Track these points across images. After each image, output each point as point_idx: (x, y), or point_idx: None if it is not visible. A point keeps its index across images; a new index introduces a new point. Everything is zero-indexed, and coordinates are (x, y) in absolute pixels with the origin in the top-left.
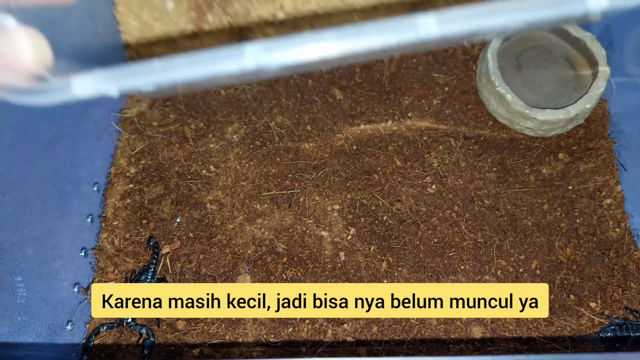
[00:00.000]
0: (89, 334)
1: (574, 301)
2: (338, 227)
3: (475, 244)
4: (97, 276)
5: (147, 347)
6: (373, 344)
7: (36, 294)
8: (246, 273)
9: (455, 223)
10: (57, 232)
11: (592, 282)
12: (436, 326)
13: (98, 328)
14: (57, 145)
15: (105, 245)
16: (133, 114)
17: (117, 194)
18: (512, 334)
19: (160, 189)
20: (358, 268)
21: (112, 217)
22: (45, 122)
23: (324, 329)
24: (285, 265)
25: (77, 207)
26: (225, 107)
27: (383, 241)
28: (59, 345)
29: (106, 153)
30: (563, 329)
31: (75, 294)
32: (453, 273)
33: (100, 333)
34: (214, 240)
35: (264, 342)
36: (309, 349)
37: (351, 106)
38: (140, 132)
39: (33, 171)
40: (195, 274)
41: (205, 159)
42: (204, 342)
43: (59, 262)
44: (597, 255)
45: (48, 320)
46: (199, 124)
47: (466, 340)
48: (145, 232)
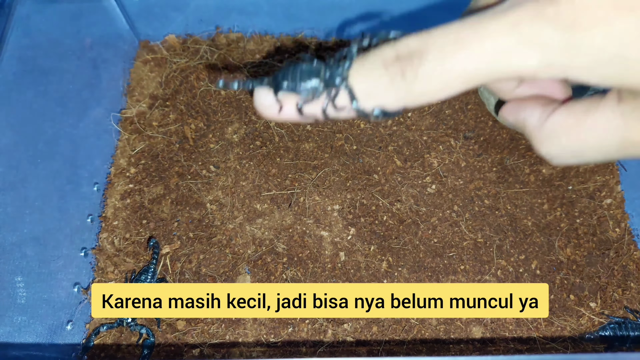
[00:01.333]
0: (89, 334)
1: (574, 301)
2: (338, 227)
3: (475, 244)
4: (97, 276)
5: (147, 347)
6: (373, 344)
7: (36, 294)
8: (246, 273)
9: (455, 223)
10: (57, 232)
11: (592, 282)
12: (436, 326)
13: (98, 328)
14: (57, 145)
15: (105, 245)
16: (133, 114)
17: (117, 194)
18: (512, 334)
19: (160, 189)
20: (358, 268)
21: (112, 217)
22: (45, 122)
23: (324, 329)
24: (285, 265)
25: (77, 207)
26: (225, 107)
27: (383, 241)
28: (59, 345)
29: (106, 153)
30: (563, 329)
31: (76, 294)
32: (453, 273)
33: (100, 333)
34: (214, 240)
35: (264, 342)
36: (309, 349)
37: None
38: (140, 132)
39: (33, 171)
40: (195, 274)
41: (205, 159)
42: (204, 342)
43: (59, 262)
44: (597, 255)
45: (48, 320)
46: (199, 124)
47: (466, 341)
48: (145, 232)
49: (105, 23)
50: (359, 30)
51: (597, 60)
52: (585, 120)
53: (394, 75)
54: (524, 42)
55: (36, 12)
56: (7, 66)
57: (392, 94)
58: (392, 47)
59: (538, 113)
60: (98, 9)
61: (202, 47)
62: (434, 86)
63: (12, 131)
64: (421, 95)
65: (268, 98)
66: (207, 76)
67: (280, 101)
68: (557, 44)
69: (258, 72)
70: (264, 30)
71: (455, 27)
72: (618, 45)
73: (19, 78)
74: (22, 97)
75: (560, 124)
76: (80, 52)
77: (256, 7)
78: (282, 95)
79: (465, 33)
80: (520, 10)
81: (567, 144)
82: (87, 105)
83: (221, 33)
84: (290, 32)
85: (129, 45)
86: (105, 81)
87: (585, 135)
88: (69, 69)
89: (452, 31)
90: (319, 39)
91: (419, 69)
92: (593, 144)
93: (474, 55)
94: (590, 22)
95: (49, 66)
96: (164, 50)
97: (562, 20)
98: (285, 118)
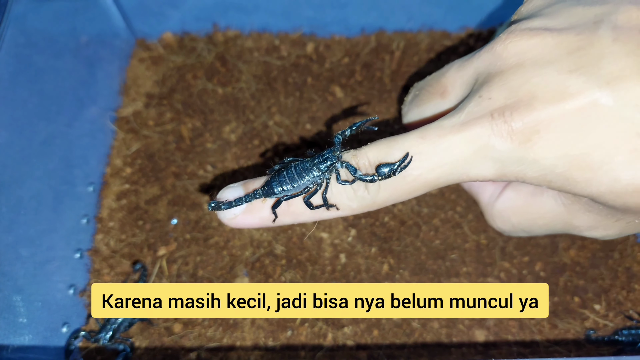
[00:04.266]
0: (69, 338)
1: (577, 303)
2: (338, 229)
3: (478, 245)
4: (93, 278)
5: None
6: (373, 347)
7: (31, 296)
8: (244, 275)
9: (457, 224)
10: (52, 233)
11: (596, 284)
12: (438, 329)
13: (78, 332)
14: (52, 144)
15: (100, 246)
16: (129, 113)
17: (113, 194)
18: (514, 337)
19: (157, 190)
20: (358, 270)
21: (108, 218)
22: (40, 121)
23: (323, 333)
24: (284, 268)
25: (72, 207)
26: (222, 105)
27: (384, 243)
28: (55, 347)
29: (102, 153)
30: (567, 332)
31: (71, 296)
32: (455, 275)
33: (79, 337)
34: (211, 242)
35: (262, 345)
36: (308, 353)
37: (352, 104)
38: (136, 132)
39: (27, 171)
40: (192, 276)
41: (202, 158)
42: (201, 345)
43: (54, 263)
44: (601, 257)
45: (43, 323)
46: (195, 123)
47: (468, 344)
48: (141, 234)
49: (101, 21)
50: (359, 28)
51: (546, 175)
52: (532, 204)
53: (358, 186)
54: (480, 156)
55: (32, 10)
56: (2, 64)
57: (355, 203)
58: (353, 158)
59: (489, 192)
60: (94, 7)
61: (199, 45)
62: (397, 195)
63: (6, 130)
64: (385, 202)
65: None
66: (204, 74)
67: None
68: (510, 159)
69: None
70: (262, 28)
71: (416, 141)
72: (566, 167)
73: (14, 76)
74: (17, 95)
75: (510, 206)
76: (76, 50)
77: (254, 4)
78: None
79: (425, 147)
80: (476, 125)
81: (517, 224)
82: (82, 104)
83: (218, 31)
84: (289, 30)
85: (125, 43)
86: (101, 80)
87: (533, 217)
88: (65, 67)
89: (412, 145)
90: (318, 37)
91: (382, 181)
92: (541, 224)
93: (435, 168)
94: (541, 143)
95: (44, 64)
96: (161, 48)
97: (515, 138)
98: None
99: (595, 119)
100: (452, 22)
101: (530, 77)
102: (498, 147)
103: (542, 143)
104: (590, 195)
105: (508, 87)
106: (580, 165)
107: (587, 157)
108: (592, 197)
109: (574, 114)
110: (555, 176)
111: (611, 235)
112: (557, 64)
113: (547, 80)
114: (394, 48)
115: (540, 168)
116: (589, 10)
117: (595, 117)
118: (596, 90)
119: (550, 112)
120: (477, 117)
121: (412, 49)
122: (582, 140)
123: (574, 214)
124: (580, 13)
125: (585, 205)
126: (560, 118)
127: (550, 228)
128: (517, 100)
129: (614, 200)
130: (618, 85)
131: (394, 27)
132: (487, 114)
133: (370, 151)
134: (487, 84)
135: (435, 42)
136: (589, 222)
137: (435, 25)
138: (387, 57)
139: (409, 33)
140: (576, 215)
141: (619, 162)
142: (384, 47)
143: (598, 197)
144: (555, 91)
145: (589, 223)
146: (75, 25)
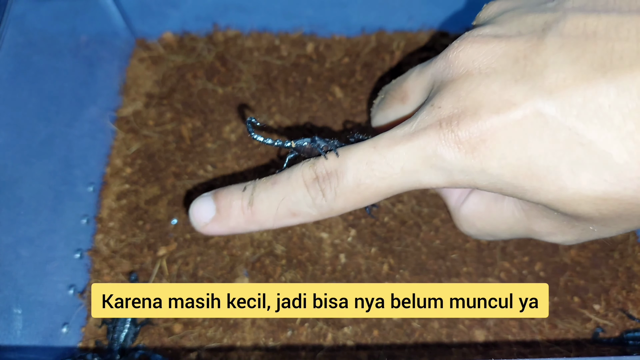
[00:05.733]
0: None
1: (577, 303)
2: (338, 229)
3: (479, 245)
4: (93, 278)
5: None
6: (374, 348)
7: (31, 297)
8: (244, 275)
9: None
10: (52, 234)
11: (596, 284)
12: (438, 329)
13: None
14: (52, 144)
15: (100, 246)
16: (129, 113)
17: (113, 194)
18: (515, 337)
19: (157, 190)
20: (359, 270)
21: (108, 218)
22: (40, 121)
23: (323, 333)
24: (284, 268)
25: (72, 207)
26: (222, 105)
27: (384, 243)
28: (55, 348)
29: (102, 153)
30: (567, 332)
31: (71, 296)
32: (455, 275)
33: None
34: (211, 242)
35: (262, 346)
36: (308, 353)
37: (352, 104)
38: (136, 132)
39: (27, 171)
40: (192, 276)
41: (203, 158)
42: (201, 345)
43: (54, 264)
44: (602, 257)
45: (43, 323)
46: (195, 123)
47: (469, 344)
48: (141, 234)
49: (101, 20)
50: (359, 27)
51: (496, 184)
52: (494, 209)
53: (316, 194)
54: (429, 165)
55: (31, 10)
56: (2, 64)
57: (315, 211)
58: (310, 168)
59: (455, 196)
60: (94, 7)
61: (199, 44)
62: (352, 203)
63: (6, 130)
64: (342, 210)
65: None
66: (204, 74)
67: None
68: (458, 168)
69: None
70: (262, 27)
71: (368, 152)
72: (514, 175)
73: (14, 76)
74: (16, 95)
75: (474, 210)
76: (76, 50)
77: (254, 3)
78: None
79: (376, 157)
80: (425, 135)
81: (481, 228)
82: (82, 104)
83: (219, 30)
84: (289, 29)
85: (125, 43)
86: (101, 79)
87: (496, 222)
88: (64, 67)
89: (365, 154)
90: (318, 36)
91: (337, 188)
92: (503, 229)
93: (386, 177)
94: (488, 153)
95: (44, 64)
96: (161, 47)
97: (462, 147)
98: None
99: (539, 128)
100: (452, 22)
101: (477, 86)
102: (446, 157)
103: (489, 152)
104: (540, 203)
105: (456, 96)
106: (526, 174)
107: (533, 166)
108: (543, 205)
109: (518, 124)
110: (504, 185)
111: (570, 240)
112: (503, 73)
113: (492, 89)
114: (394, 48)
115: (489, 177)
116: (540, 17)
117: (538, 126)
118: (539, 100)
119: (495, 121)
120: (427, 125)
121: (413, 49)
122: (527, 150)
123: (533, 219)
124: (531, 20)
125: (542, 211)
126: (505, 127)
127: (513, 233)
128: (464, 110)
129: (564, 208)
130: (560, 94)
131: (394, 27)
132: (436, 123)
133: (327, 162)
134: (439, 92)
135: (435, 42)
136: (547, 228)
137: (435, 25)
138: (388, 57)
139: (410, 33)
140: (534, 221)
141: (563, 172)
142: (384, 47)
143: (548, 204)
144: (500, 100)
145: (547, 229)
146: (75, 25)
